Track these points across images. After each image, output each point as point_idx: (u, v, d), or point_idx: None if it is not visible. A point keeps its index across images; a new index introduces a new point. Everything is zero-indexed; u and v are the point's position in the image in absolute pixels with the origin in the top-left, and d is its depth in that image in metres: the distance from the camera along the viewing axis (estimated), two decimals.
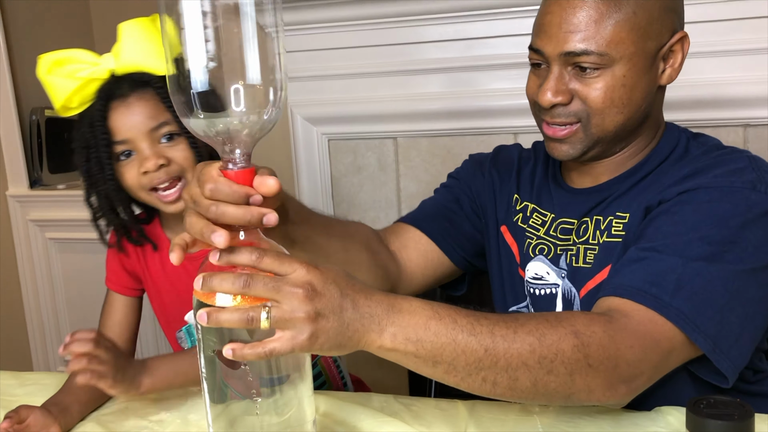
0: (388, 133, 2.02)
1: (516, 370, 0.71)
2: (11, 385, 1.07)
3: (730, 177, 0.87)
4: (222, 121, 0.69)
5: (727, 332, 0.80)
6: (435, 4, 1.87)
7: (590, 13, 0.89)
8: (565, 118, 0.93)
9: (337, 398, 0.94)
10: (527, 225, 1.06)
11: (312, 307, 0.65)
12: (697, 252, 0.81)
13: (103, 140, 1.04)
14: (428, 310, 0.70)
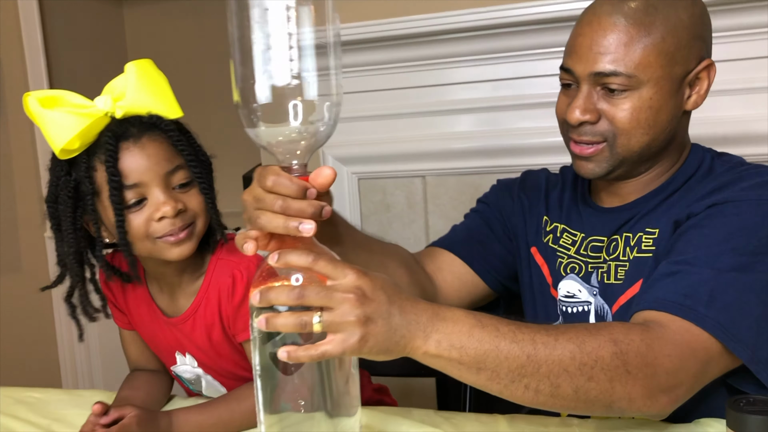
0: (417, 172, 2.06)
1: (558, 377, 0.73)
2: (62, 401, 1.11)
3: (756, 190, 0.90)
4: (279, 131, 0.74)
5: (764, 341, 0.82)
6: (462, 48, 1.93)
7: (621, 37, 0.93)
8: (591, 137, 0.97)
9: (378, 411, 0.97)
10: (558, 245, 1.09)
11: (362, 311, 0.68)
12: (728, 263, 0.84)
13: (114, 183, 0.95)
14: (471, 318, 0.73)
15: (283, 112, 0.73)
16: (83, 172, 0.96)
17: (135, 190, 0.97)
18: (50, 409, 1.09)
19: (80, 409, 1.08)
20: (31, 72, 2.52)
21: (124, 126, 0.98)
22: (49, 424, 1.04)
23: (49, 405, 1.10)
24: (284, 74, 0.72)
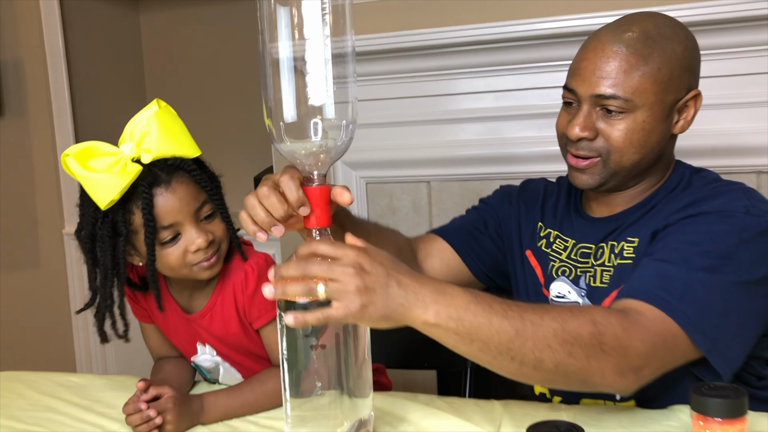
0: (422, 177, 2.16)
1: (541, 352, 0.81)
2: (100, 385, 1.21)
3: (727, 204, 1.00)
4: (303, 146, 0.84)
5: (723, 336, 0.91)
6: (467, 60, 2.02)
7: (621, 64, 1.03)
8: (588, 152, 1.07)
9: (387, 396, 1.07)
10: (550, 250, 1.19)
11: (362, 281, 0.78)
12: (699, 264, 0.93)
13: (149, 228, 1.04)
14: (468, 294, 0.82)
15: (305, 130, 0.84)
16: (120, 216, 1.06)
17: (171, 229, 1.08)
18: (89, 392, 1.19)
19: (116, 391, 1.18)
20: (52, 74, 2.61)
21: (153, 173, 1.06)
22: (90, 405, 1.14)
23: (88, 388, 1.20)
24: (308, 98, 0.83)
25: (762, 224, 0.98)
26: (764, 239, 0.97)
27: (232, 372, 1.24)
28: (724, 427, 0.75)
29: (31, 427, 1.06)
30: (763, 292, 0.97)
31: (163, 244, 1.08)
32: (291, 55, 0.84)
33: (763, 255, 0.97)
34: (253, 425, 1.06)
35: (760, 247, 0.97)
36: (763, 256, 0.97)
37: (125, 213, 1.06)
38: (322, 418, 0.88)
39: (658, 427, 0.93)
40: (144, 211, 1.04)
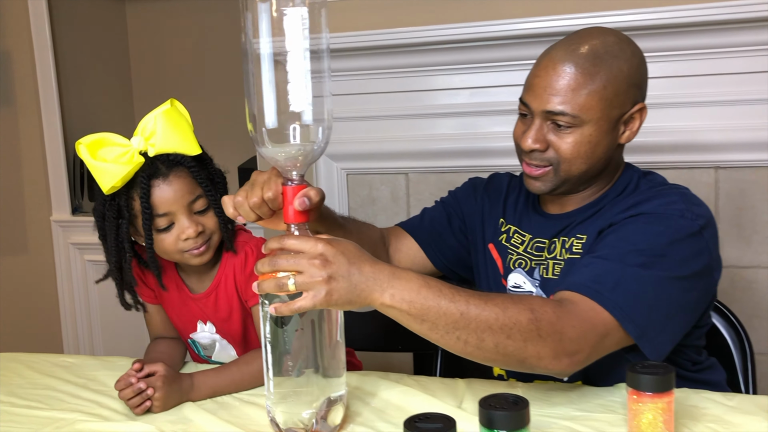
0: (401, 169, 2.25)
1: (483, 333, 0.91)
2: (93, 365, 1.30)
3: (665, 207, 1.10)
4: (283, 149, 0.93)
5: (653, 325, 1.01)
6: (444, 57, 2.11)
7: (570, 82, 1.10)
8: (540, 162, 1.16)
9: (360, 374, 1.17)
10: (509, 243, 1.28)
11: (326, 272, 0.87)
12: (632, 260, 1.03)
13: (146, 214, 1.16)
14: (420, 279, 0.92)
15: (285, 135, 0.93)
16: (123, 201, 1.19)
17: (165, 218, 1.20)
18: (84, 371, 1.27)
19: (109, 371, 1.26)
20: (39, 64, 2.66)
21: (154, 166, 1.18)
22: (85, 383, 1.22)
23: (83, 368, 1.29)
24: (288, 106, 0.91)
25: (694, 226, 1.07)
26: (695, 240, 1.07)
27: (228, 349, 1.35)
28: (654, 400, 0.85)
29: (31, 403, 1.14)
30: (694, 287, 1.07)
31: (158, 231, 1.20)
32: (272, 66, 0.91)
33: (693, 253, 1.06)
34: (238, 401, 1.15)
35: (691, 246, 1.06)
36: (694, 255, 1.06)
37: (128, 198, 1.18)
38: (299, 395, 0.97)
39: (601, 401, 1.03)
40: (142, 200, 1.16)
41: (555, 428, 0.95)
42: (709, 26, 1.88)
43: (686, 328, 1.09)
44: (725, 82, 1.94)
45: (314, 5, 0.92)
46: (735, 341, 1.38)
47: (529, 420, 0.79)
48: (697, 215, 1.09)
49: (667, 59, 1.95)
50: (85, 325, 2.77)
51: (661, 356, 1.03)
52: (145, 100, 3.17)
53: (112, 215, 1.20)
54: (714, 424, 0.93)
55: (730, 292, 2.03)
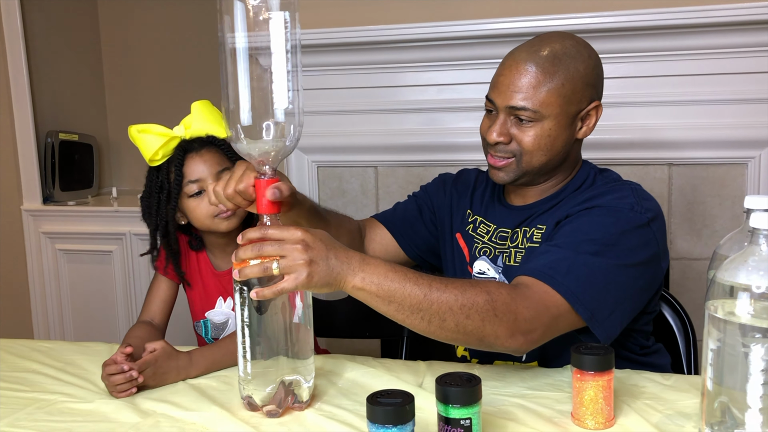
0: (370, 163, 2.32)
1: (444, 314, 0.98)
2: (71, 350, 1.35)
3: (617, 201, 1.18)
4: (257, 145, 1.00)
5: (602, 308, 1.09)
6: (412, 55, 2.18)
7: (531, 80, 1.18)
8: (503, 154, 1.24)
9: (328, 357, 1.23)
10: (475, 233, 1.36)
11: (307, 255, 0.94)
12: (585, 248, 1.11)
13: (177, 180, 1.36)
14: (388, 265, 0.99)
15: (258, 132, 0.99)
16: (164, 175, 1.39)
17: (197, 184, 1.38)
18: (61, 356, 1.32)
19: (86, 356, 1.32)
20: (10, 55, 2.66)
21: (189, 143, 1.39)
22: (63, 366, 1.27)
23: (60, 352, 1.33)
24: (261, 104, 0.98)
25: (642, 219, 1.16)
26: (643, 231, 1.16)
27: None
28: (594, 378, 0.94)
29: (12, 385, 1.18)
30: (641, 274, 1.15)
31: (190, 197, 1.38)
32: (247, 65, 0.98)
33: (641, 244, 1.15)
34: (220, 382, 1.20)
35: (640, 237, 1.15)
36: (642, 245, 1.15)
37: (167, 173, 1.39)
38: (268, 375, 1.03)
39: (550, 381, 1.11)
40: (176, 168, 1.37)
41: (507, 405, 1.03)
42: (663, 30, 1.98)
43: (634, 313, 1.18)
44: (679, 83, 2.05)
45: (289, 5, 0.98)
46: (680, 328, 1.48)
47: (480, 396, 0.86)
48: (646, 209, 1.18)
49: (624, 60, 2.05)
50: (56, 313, 2.79)
51: (611, 338, 1.11)
52: (117, 90, 3.19)
53: (155, 191, 1.39)
54: (651, 400, 1.02)
55: (681, 283, 2.14)
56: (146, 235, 2.56)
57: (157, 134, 1.36)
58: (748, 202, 0.84)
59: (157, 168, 1.40)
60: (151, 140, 1.35)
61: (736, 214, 2.09)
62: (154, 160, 1.38)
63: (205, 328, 1.49)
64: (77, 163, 2.93)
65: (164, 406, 1.08)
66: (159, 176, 1.39)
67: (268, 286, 0.95)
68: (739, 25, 1.93)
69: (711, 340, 0.77)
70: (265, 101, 0.99)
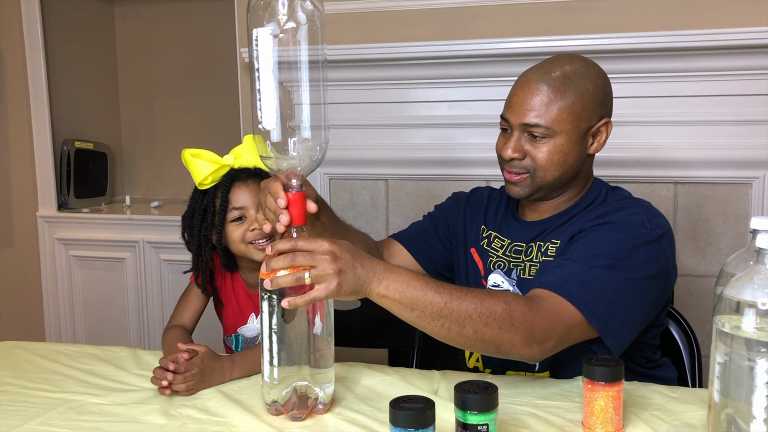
0: (381, 176, 2.37)
1: (464, 321, 1.03)
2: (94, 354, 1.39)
3: (628, 217, 1.23)
4: (285, 161, 1.04)
5: (614, 319, 1.13)
6: (424, 72, 2.24)
7: (543, 99, 1.24)
8: (518, 169, 1.29)
9: (346, 365, 1.28)
10: (490, 248, 1.41)
11: (336, 266, 0.99)
12: (597, 262, 1.16)
13: (223, 206, 1.44)
14: (410, 273, 1.04)
15: (286, 147, 1.04)
16: (210, 199, 1.46)
17: (239, 211, 1.46)
18: (86, 359, 1.35)
19: (109, 360, 1.36)
20: (30, 63, 2.72)
21: (237, 172, 1.47)
22: (90, 368, 1.30)
23: (85, 356, 1.37)
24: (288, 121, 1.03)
25: (652, 235, 1.21)
26: (653, 246, 1.20)
27: None
28: (605, 389, 0.98)
29: (42, 386, 1.22)
30: (651, 288, 1.20)
31: (231, 222, 1.45)
32: (275, 82, 1.02)
33: (651, 259, 1.20)
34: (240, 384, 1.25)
35: (649, 252, 1.20)
36: (651, 260, 1.20)
37: (213, 197, 1.46)
38: (290, 380, 1.08)
39: (560, 391, 1.15)
40: (222, 194, 1.45)
41: (519, 413, 1.07)
42: (670, 52, 2.03)
43: (644, 325, 1.22)
44: (686, 103, 2.10)
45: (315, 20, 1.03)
46: (685, 343, 1.52)
47: (497, 403, 0.90)
48: (656, 225, 1.23)
49: (632, 81, 2.10)
50: (68, 319, 2.83)
51: (622, 348, 1.15)
52: (131, 100, 3.24)
53: (199, 212, 1.47)
54: (658, 411, 1.06)
55: (685, 299, 2.18)
56: (159, 243, 2.67)
57: (210, 161, 1.44)
58: (754, 223, 0.89)
59: (203, 191, 1.48)
60: (203, 166, 1.44)
61: (739, 233, 2.13)
62: (203, 184, 1.45)
63: (236, 341, 1.55)
64: (92, 171, 2.98)
65: (190, 409, 1.13)
66: (205, 199, 1.47)
67: (300, 296, 0.99)
68: (745, 48, 1.98)
69: (718, 353, 0.82)
70: (293, 117, 1.04)
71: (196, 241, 1.48)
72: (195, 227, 1.48)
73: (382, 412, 1.09)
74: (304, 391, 1.08)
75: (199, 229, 1.47)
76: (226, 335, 1.58)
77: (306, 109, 1.05)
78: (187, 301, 1.53)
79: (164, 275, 2.72)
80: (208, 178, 1.44)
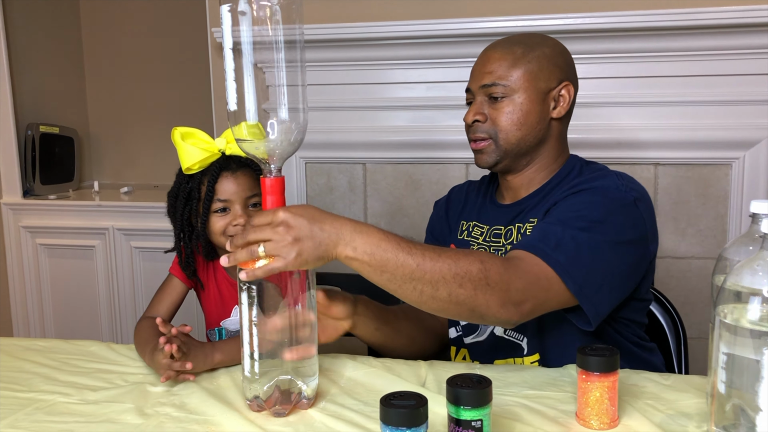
0: (358, 159, 2.32)
1: (437, 283, 0.98)
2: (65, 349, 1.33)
3: (603, 182, 1.22)
4: (261, 144, 0.99)
5: (591, 282, 1.10)
6: (401, 52, 2.18)
7: (500, 62, 1.28)
8: (481, 134, 1.29)
9: (329, 357, 1.23)
10: (470, 237, 1.38)
11: (290, 235, 0.95)
12: (574, 225, 1.13)
13: (208, 196, 1.37)
14: (381, 233, 0.99)
15: (262, 130, 0.99)
16: (195, 184, 1.40)
17: (224, 203, 1.39)
18: (56, 355, 1.30)
19: (81, 355, 1.30)
20: None
21: (228, 161, 1.39)
22: (59, 365, 1.25)
23: (55, 351, 1.31)
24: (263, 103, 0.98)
25: (628, 198, 1.19)
26: (630, 210, 1.18)
27: None
28: (600, 379, 0.95)
29: (8, 385, 1.16)
30: (629, 253, 1.17)
31: (214, 212, 1.39)
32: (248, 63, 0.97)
33: (629, 223, 1.18)
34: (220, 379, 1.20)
35: (627, 216, 1.18)
36: (629, 224, 1.18)
37: (199, 183, 1.39)
38: (272, 374, 1.03)
39: (551, 381, 1.12)
40: (209, 184, 1.37)
41: (511, 405, 1.03)
42: (650, 31, 2.00)
43: (622, 293, 1.19)
44: (665, 84, 2.07)
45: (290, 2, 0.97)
46: (671, 327, 1.51)
47: (491, 398, 0.87)
48: (630, 189, 1.22)
49: (611, 61, 2.07)
50: (36, 309, 2.76)
51: (600, 315, 1.12)
52: (98, 82, 3.14)
53: (183, 195, 1.41)
54: (652, 400, 1.04)
55: (665, 281, 2.17)
56: (129, 230, 2.59)
57: (201, 148, 1.37)
58: (755, 206, 0.86)
59: (189, 175, 1.41)
60: (192, 152, 1.36)
61: (719, 214, 2.12)
62: (191, 169, 1.38)
63: (220, 336, 1.50)
64: (58, 156, 2.88)
65: (168, 407, 1.08)
66: (190, 183, 1.41)
67: (261, 267, 0.96)
68: (726, 27, 1.96)
69: (723, 343, 0.79)
70: (268, 98, 0.99)
71: (179, 224, 1.44)
72: (178, 210, 1.43)
73: (368, 405, 1.05)
74: (288, 386, 1.04)
75: (182, 213, 1.43)
76: (209, 329, 1.53)
77: (282, 88, 0.99)
78: (164, 293, 1.47)
79: (136, 262, 2.65)
80: (196, 165, 1.38)
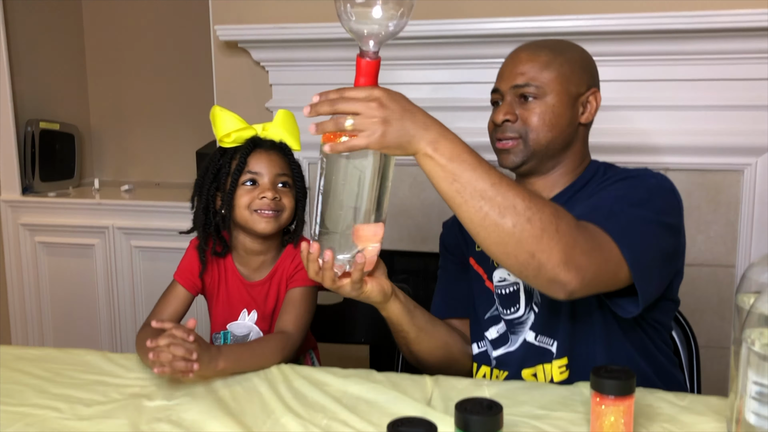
0: None
1: (506, 209, 0.93)
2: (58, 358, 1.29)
3: (638, 172, 1.20)
4: (367, 22, 0.97)
5: (644, 256, 1.05)
6: (407, 52, 2.14)
7: (533, 63, 1.25)
8: (510, 134, 1.25)
9: (331, 373, 1.19)
10: None
11: (381, 113, 0.92)
12: (620, 204, 1.09)
13: (239, 167, 1.37)
14: (466, 146, 0.96)
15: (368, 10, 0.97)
16: (227, 159, 1.40)
17: (253, 176, 1.39)
18: (49, 365, 1.25)
19: (76, 365, 1.25)
20: None
21: (261, 140, 1.41)
22: (51, 377, 1.20)
23: (48, 361, 1.26)
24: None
25: (666, 183, 1.17)
26: (670, 196, 1.16)
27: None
28: (616, 403, 0.90)
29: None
30: (672, 236, 1.14)
31: (243, 184, 1.38)
32: None
33: (669, 208, 1.15)
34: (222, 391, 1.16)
35: (667, 201, 1.15)
36: (669, 209, 1.15)
37: (231, 159, 1.40)
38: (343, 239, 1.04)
39: (561, 400, 1.07)
40: (240, 157, 1.38)
41: (521, 426, 0.99)
42: (662, 34, 1.96)
43: (665, 280, 1.16)
44: (678, 87, 2.04)
45: None
46: (683, 341, 1.46)
47: (502, 425, 0.82)
48: (664, 178, 1.19)
49: (623, 64, 2.03)
50: (35, 308, 2.72)
51: (647, 299, 1.07)
52: (100, 79, 3.11)
53: (213, 170, 1.40)
54: (668, 423, 0.99)
55: None
56: (130, 229, 2.55)
57: (238, 119, 1.39)
58: None
59: (222, 151, 1.41)
60: (229, 121, 1.38)
61: (730, 221, 2.08)
62: (224, 141, 1.38)
63: (225, 340, 1.46)
64: (58, 153, 2.85)
65: (164, 423, 1.03)
66: (222, 159, 1.41)
67: (341, 141, 0.92)
68: (740, 31, 1.92)
69: (752, 371, 0.75)
70: None
71: (204, 199, 1.42)
72: (206, 184, 1.41)
73: (373, 425, 1.00)
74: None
75: (209, 187, 1.41)
76: (214, 332, 1.48)
77: None
78: (168, 299, 1.42)
79: (135, 262, 2.61)
80: (231, 135, 1.38)
